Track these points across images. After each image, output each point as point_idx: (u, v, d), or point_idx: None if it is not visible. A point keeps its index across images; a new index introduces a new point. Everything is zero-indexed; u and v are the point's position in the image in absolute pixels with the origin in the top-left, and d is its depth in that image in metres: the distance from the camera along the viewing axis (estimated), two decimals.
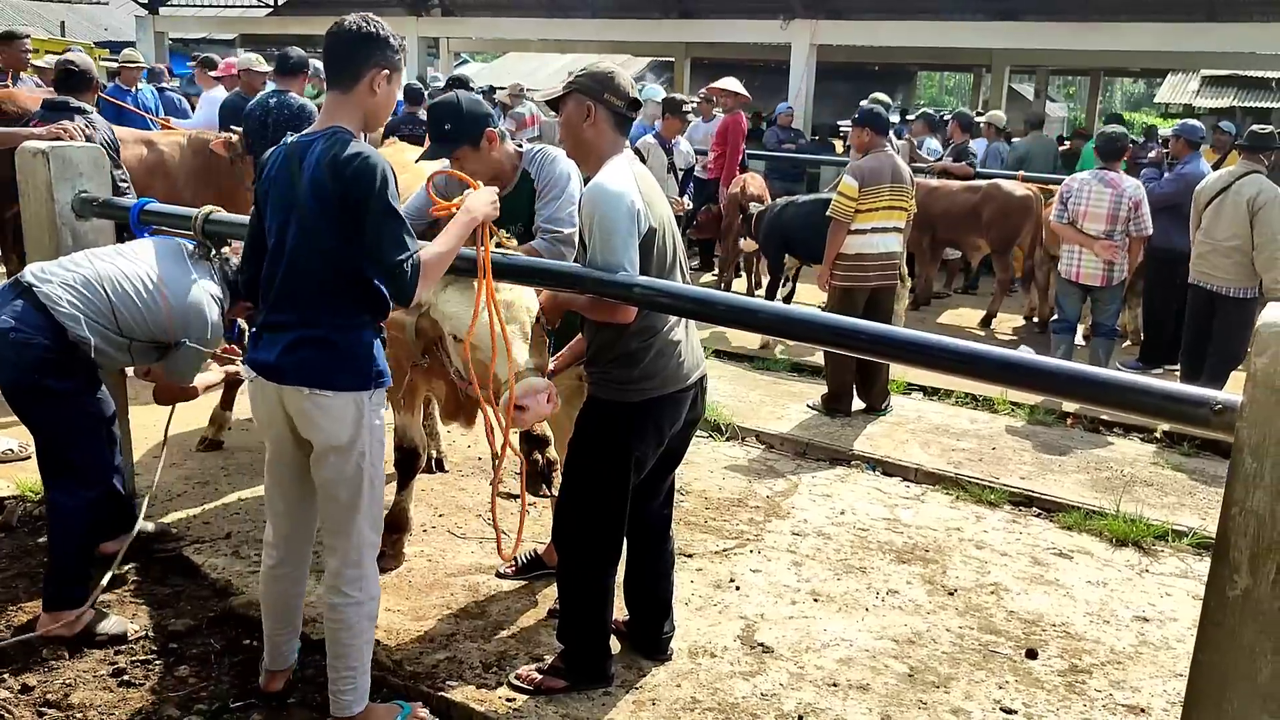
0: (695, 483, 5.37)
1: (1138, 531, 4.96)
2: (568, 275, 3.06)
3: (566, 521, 3.39)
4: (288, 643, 3.31)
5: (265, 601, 3.27)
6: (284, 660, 3.33)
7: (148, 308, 3.56)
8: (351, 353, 2.87)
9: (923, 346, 2.51)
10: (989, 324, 9.35)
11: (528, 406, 3.06)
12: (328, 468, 2.92)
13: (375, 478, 2.99)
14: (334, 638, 3.05)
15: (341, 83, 2.87)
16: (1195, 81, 25.52)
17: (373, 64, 2.85)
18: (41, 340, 3.41)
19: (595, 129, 3.19)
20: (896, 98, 24.20)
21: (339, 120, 2.86)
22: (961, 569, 4.55)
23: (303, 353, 2.86)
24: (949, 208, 9.37)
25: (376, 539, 3.07)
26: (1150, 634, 4.08)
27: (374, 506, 3.01)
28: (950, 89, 50.06)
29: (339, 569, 3.01)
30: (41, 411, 3.54)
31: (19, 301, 3.46)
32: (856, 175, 6.41)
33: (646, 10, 17.31)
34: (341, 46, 2.86)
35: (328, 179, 2.75)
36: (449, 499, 5.02)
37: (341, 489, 2.94)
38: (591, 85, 3.17)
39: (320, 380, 2.85)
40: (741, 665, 3.69)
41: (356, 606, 3.02)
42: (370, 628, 3.09)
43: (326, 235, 2.79)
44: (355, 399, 2.87)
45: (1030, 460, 5.94)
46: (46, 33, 23.37)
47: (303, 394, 2.85)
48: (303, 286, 2.85)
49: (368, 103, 2.89)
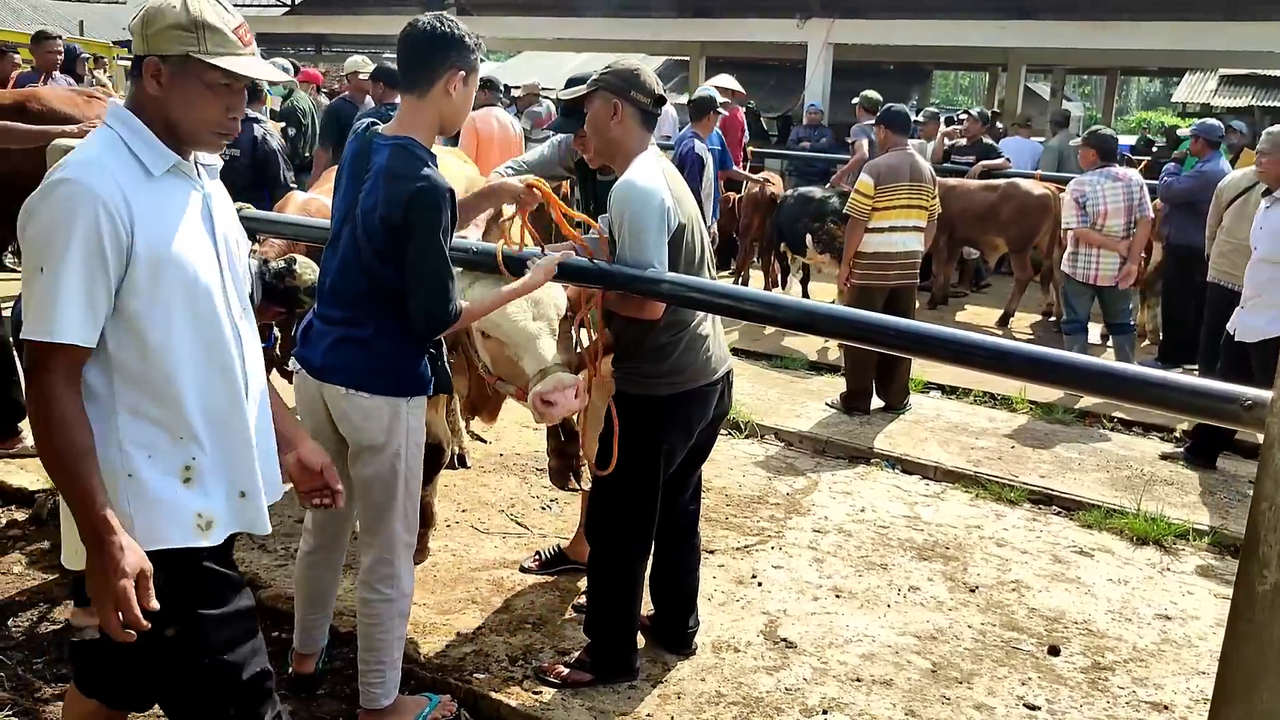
0: (716, 480, 5.40)
1: (1158, 530, 4.96)
2: (596, 272, 3.08)
3: (598, 515, 3.42)
4: (319, 626, 3.36)
5: (299, 586, 3.32)
6: (314, 644, 3.38)
7: None
8: (392, 357, 2.88)
9: (950, 342, 2.53)
10: (1006, 323, 9.34)
11: (555, 402, 3.08)
12: (363, 466, 2.95)
13: (411, 479, 3.00)
14: (365, 633, 3.08)
15: (416, 86, 2.81)
16: (1213, 80, 25.38)
17: (449, 65, 2.78)
18: None
19: (622, 127, 3.20)
20: (912, 96, 24.14)
21: (411, 130, 2.81)
22: (982, 566, 4.56)
23: (344, 352, 2.87)
24: (967, 206, 9.37)
25: (411, 538, 3.08)
26: (1172, 632, 4.09)
27: (408, 506, 3.02)
28: (966, 88, 49.95)
29: (372, 565, 3.04)
30: None
31: None
32: (873, 173, 6.45)
33: (662, 9, 17.32)
34: (416, 48, 2.80)
35: (383, 196, 2.72)
36: (472, 494, 5.06)
37: (376, 488, 2.96)
38: (618, 83, 3.18)
39: (358, 381, 2.86)
40: (765, 660, 3.71)
41: (388, 604, 3.04)
42: (401, 625, 3.12)
43: (373, 247, 2.78)
44: (391, 403, 2.88)
45: (1049, 459, 5.95)
46: (66, 32, 23.50)
47: (341, 393, 2.88)
48: (350, 287, 2.86)
49: (444, 106, 2.83)
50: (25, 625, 3.71)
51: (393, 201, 2.71)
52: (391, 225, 2.72)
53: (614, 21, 17.45)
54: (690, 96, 8.45)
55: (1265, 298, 5.41)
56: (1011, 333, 9.22)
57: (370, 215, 2.76)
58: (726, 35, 17.35)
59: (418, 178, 2.70)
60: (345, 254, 2.86)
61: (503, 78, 21.53)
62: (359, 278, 2.84)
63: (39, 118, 6.27)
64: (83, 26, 25.06)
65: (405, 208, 2.69)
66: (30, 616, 3.76)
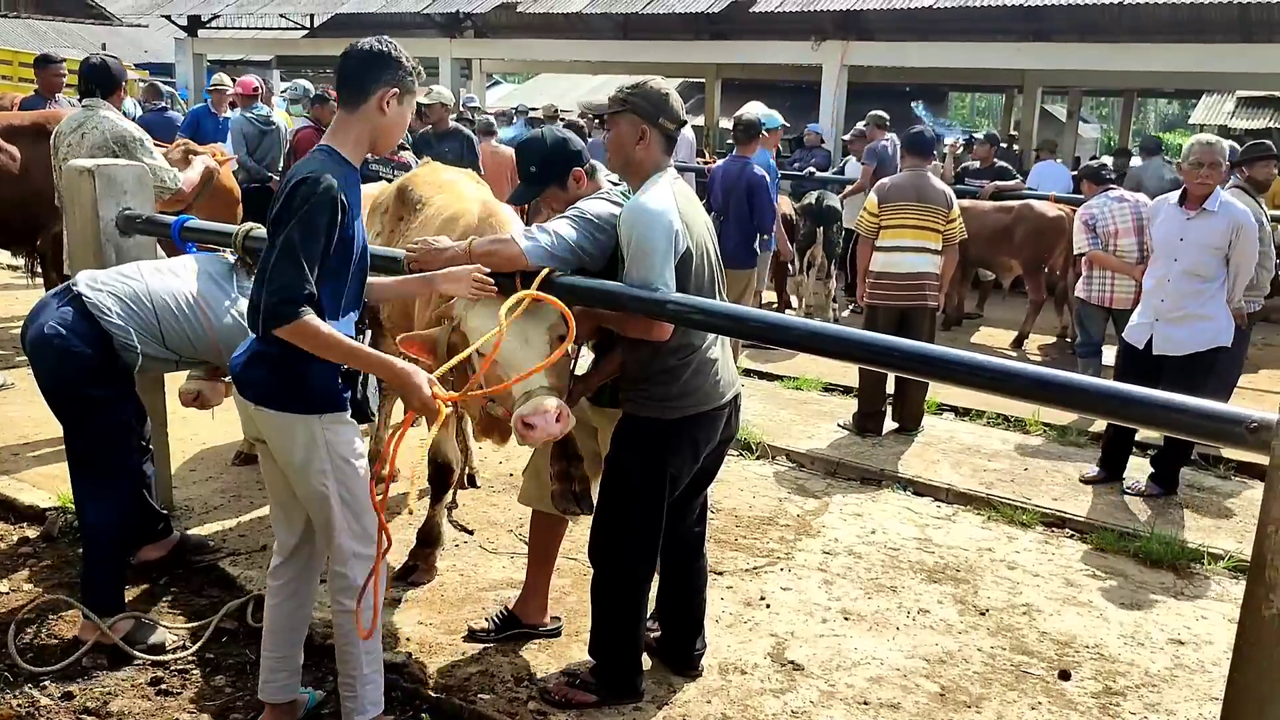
0: (725, 500, 5.38)
1: (1173, 554, 4.91)
2: (602, 292, 3.09)
3: (602, 537, 3.40)
4: (281, 669, 3.17)
5: (265, 615, 3.20)
6: (272, 691, 3.19)
7: (192, 328, 3.63)
8: (296, 375, 2.83)
9: (955, 364, 2.52)
10: (1021, 344, 9.31)
11: (535, 425, 3.04)
12: (295, 484, 2.96)
13: (346, 495, 2.94)
14: (335, 645, 3.10)
15: (349, 101, 2.89)
16: (1230, 102, 25.28)
17: (382, 83, 2.86)
18: (85, 349, 3.48)
19: (646, 150, 3.21)
20: (928, 118, 24.19)
21: (334, 140, 2.89)
22: (993, 589, 4.53)
23: (256, 368, 2.87)
24: (980, 228, 9.34)
25: (365, 550, 3.01)
26: (1185, 657, 4.04)
27: (354, 522, 2.97)
28: (983, 109, 49.95)
29: (332, 578, 3.04)
30: (78, 416, 3.61)
31: (68, 308, 3.54)
32: (879, 192, 6.54)
33: (678, 32, 17.41)
34: (352, 66, 2.88)
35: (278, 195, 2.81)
36: (481, 514, 5.06)
37: (312, 504, 2.96)
38: (648, 108, 3.18)
39: (264, 398, 2.86)
40: (772, 683, 3.69)
41: (347, 615, 3.02)
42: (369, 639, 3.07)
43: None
44: (304, 420, 2.85)
45: (1062, 481, 5.90)
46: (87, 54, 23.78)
47: (252, 409, 2.90)
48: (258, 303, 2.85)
49: (377, 121, 2.89)
50: (33, 641, 3.72)
51: (278, 196, 2.77)
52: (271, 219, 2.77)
53: (630, 44, 17.56)
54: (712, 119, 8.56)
55: (1190, 310, 5.43)
56: (1025, 355, 9.19)
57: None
58: (742, 57, 17.42)
59: (298, 177, 2.75)
60: (261, 270, 2.84)
61: (519, 99, 21.66)
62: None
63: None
64: (105, 49, 25.37)
65: (284, 198, 2.74)
66: (38, 632, 3.78)
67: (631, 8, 15.16)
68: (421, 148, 8.16)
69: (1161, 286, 5.54)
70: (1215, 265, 5.42)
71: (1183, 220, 5.47)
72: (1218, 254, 5.41)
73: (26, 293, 9.26)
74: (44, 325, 3.50)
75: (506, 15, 17.49)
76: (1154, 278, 5.61)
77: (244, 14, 19.83)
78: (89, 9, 30.89)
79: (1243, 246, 5.38)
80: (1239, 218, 5.39)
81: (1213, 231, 5.38)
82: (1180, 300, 5.45)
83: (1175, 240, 5.50)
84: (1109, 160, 10.25)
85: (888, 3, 13.18)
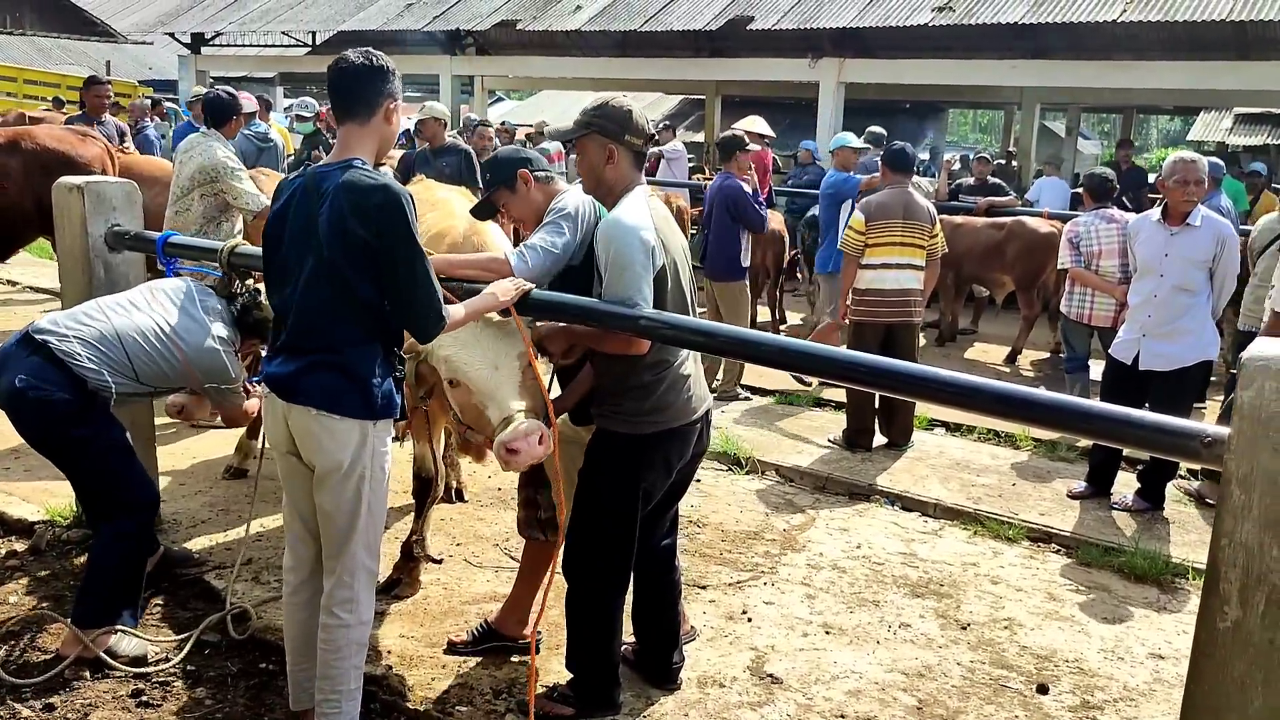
0: (713, 515, 5.40)
1: (1157, 569, 4.92)
2: (575, 307, 3.12)
3: (576, 551, 3.43)
4: (311, 680, 3.19)
5: (287, 632, 3.28)
6: (307, 699, 3.24)
7: (166, 360, 3.63)
8: (362, 380, 2.92)
9: (919, 379, 2.56)
10: (1014, 360, 9.33)
11: (519, 449, 3.08)
12: (327, 490, 2.97)
13: (375, 504, 3.02)
14: (322, 659, 3.08)
15: (358, 115, 2.94)
16: (1228, 119, 25.36)
17: (385, 95, 2.95)
18: (61, 395, 3.47)
19: (616, 170, 3.25)
20: (927, 134, 24.25)
21: (357, 152, 2.94)
22: (975, 604, 4.54)
23: (318, 375, 2.92)
24: (973, 245, 9.40)
25: (373, 564, 3.09)
26: (1165, 671, 4.05)
27: (371, 532, 3.04)
28: (985, 125, 50.08)
29: (332, 590, 3.05)
30: (70, 458, 3.63)
31: (34, 358, 3.50)
32: (865, 210, 6.56)
33: (678, 49, 17.50)
34: (354, 79, 2.94)
35: (348, 211, 2.80)
36: (467, 528, 5.08)
37: (339, 511, 2.99)
38: (612, 127, 3.22)
39: (328, 403, 2.90)
40: (750, 696, 3.70)
41: (345, 629, 3.04)
42: (358, 652, 3.10)
43: (344, 266, 2.84)
44: (360, 425, 2.93)
45: (1050, 496, 5.92)
46: (92, 71, 23.97)
47: (310, 414, 2.92)
48: (319, 314, 2.91)
49: (384, 132, 2.98)
50: (17, 654, 3.75)
51: (360, 214, 2.80)
52: (365, 238, 2.80)
53: (630, 61, 17.63)
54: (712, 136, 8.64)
55: (1180, 325, 5.45)
56: (1019, 371, 9.20)
57: (340, 229, 2.82)
58: (741, 74, 17.49)
59: (377, 188, 2.82)
60: (310, 283, 2.90)
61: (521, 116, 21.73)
62: (327, 304, 2.89)
63: (32, 155, 6.50)
64: (109, 66, 25.55)
65: (376, 220, 2.79)
66: (23, 645, 3.81)
67: (631, 25, 15.22)
68: (420, 164, 8.19)
69: (1149, 303, 5.56)
70: (1201, 279, 5.45)
71: (1166, 236, 5.50)
72: (1204, 268, 5.44)
73: (25, 308, 9.33)
74: (15, 379, 3.47)
75: (507, 33, 17.57)
76: (1140, 294, 5.63)
77: (247, 32, 19.94)
78: (94, 26, 31.08)
79: (1227, 260, 5.42)
80: (1223, 231, 5.43)
81: (1197, 246, 5.42)
82: (1168, 316, 5.49)
83: (1160, 256, 5.52)
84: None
85: (885, 20, 13.22)
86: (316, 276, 2.89)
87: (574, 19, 15.79)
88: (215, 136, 5.93)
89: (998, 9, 12.63)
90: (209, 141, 5.89)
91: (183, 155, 5.94)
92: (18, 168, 6.68)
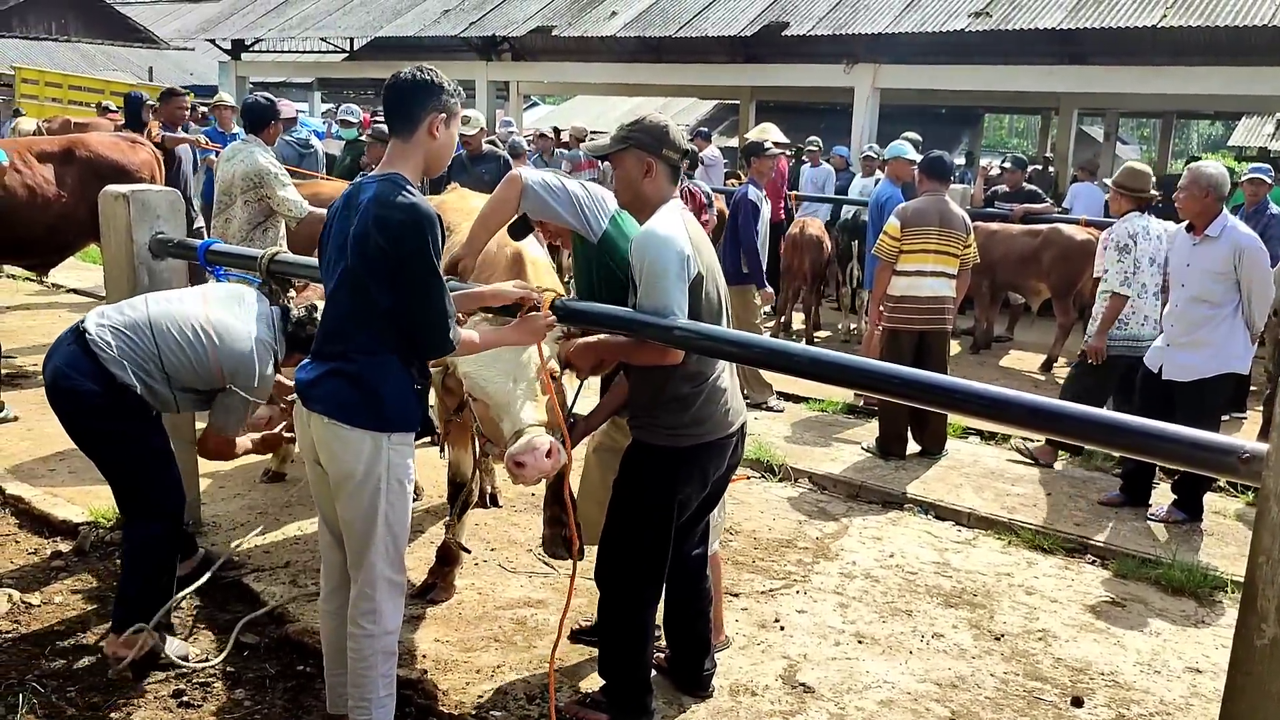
0: (745, 523, 5.41)
1: (1195, 581, 4.87)
2: (609, 317, 3.15)
3: (610, 561, 3.45)
4: (345, 686, 3.21)
5: (324, 639, 3.32)
6: (343, 704, 3.26)
7: (194, 353, 3.63)
8: (373, 391, 2.93)
9: (951, 391, 2.56)
10: (1050, 368, 9.26)
11: (525, 463, 3.10)
12: (343, 499, 3.01)
13: (393, 517, 3.03)
14: (351, 667, 3.12)
15: (401, 131, 2.99)
16: (1270, 124, 25.00)
17: (430, 110, 2.96)
18: (89, 385, 3.52)
19: (653, 183, 3.28)
20: (963, 140, 24.10)
21: (397, 167, 2.98)
22: (1010, 614, 4.52)
23: (333, 383, 2.96)
24: (1008, 252, 9.34)
25: (395, 575, 3.10)
26: (1203, 686, 4.02)
27: (390, 544, 3.05)
28: (1021, 130, 49.68)
29: (355, 600, 3.08)
30: (103, 451, 3.69)
31: (73, 347, 3.58)
32: (900, 216, 6.54)
33: (713, 54, 17.53)
34: (398, 95, 2.98)
35: (373, 225, 2.85)
36: (502, 534, 5.12)
37: (355, 522, 3.02)
38: (650, 141, 3.26)
39: (337, 411, 2.94)
40: (782, 704, 3.71)
41: (370, 639, 3.07)
42: (385, 661, 3.12)
43: (365, 278, 2.89)
44: (372, 436, 2.94)
45: (1085, 506, 5.87)
46: (135, 78, 24.38)
47: (323, 422, 2.96)
48: (343, 323, 2.96)
49: (429, 146, 3.00)
50: (63, 654, 3.83)
51: (384, 226, 2.84)
52: (385, 250, 2.84)
53: (665, 66, 17.70)
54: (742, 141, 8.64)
55: (1199, 336, 5.42)
56: (1054, 379, 9.12)
57: (364, 240, 2.87)
58: (775, 80, 17.49)
59: (403, 205, 2.85)
60: (337, 292, 2.97)
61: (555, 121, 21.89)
62: (348, 313, 2.94)
63: (87, 163, 6.62)
64: (152, 72, 25.95)
65: (396, 234, 2.83)
66: (68, 645, 3.89)
67: (666, 31, 15.27)
68: (457, 171, 8.26)
69: (1171, 313, 5.59)
70: (1222, 291, 5.41)
71: (1189, 246, 5.51)
72: (1222, 279, 5.40)
73: (48, 313, 9.50)
74: (55, 367, 3.57)
75: (542, 39, 17.67)
76: (1170, 304, 5.63)
77: (286, 38, 20.23)
78: (137, 33, 31.63)
79: (1249, 269, 5.37)
80: (1241, 241, 5.38)
81: (1215, 257, 5.40)
82: (1188, 326, 5.48)
83: (1183, 267, 5.53)
84: None
85: (920, 26, 13.18)
86: (342, 285, 2.95)
87: (609, 24, 15.86)
88: (256, 142, 6.04)
89: (1035, 14, 12.55)
90: (250, 147, 6.00)
91: (224, 163, 6.07)
92: (74, 176, 6.82)
